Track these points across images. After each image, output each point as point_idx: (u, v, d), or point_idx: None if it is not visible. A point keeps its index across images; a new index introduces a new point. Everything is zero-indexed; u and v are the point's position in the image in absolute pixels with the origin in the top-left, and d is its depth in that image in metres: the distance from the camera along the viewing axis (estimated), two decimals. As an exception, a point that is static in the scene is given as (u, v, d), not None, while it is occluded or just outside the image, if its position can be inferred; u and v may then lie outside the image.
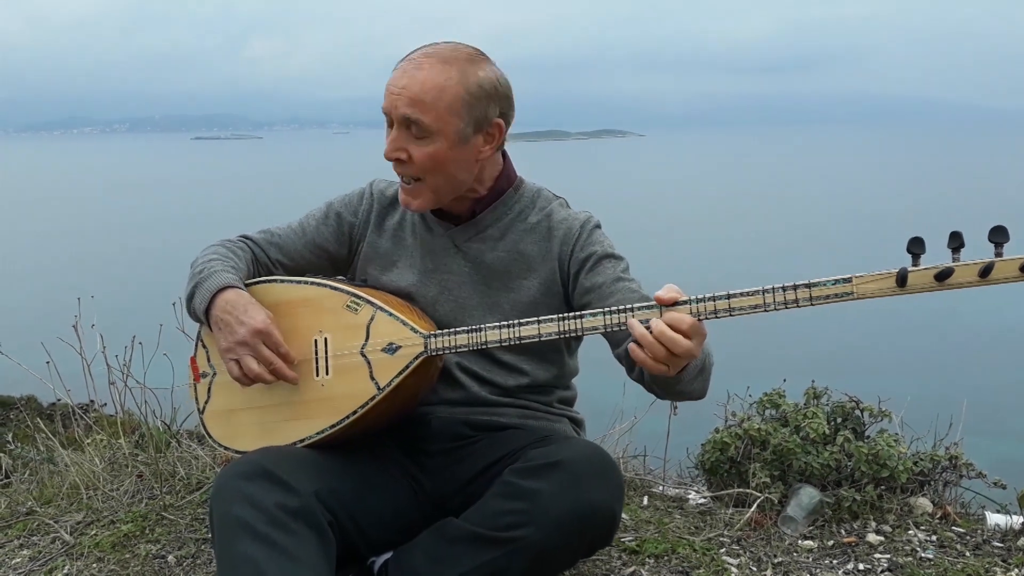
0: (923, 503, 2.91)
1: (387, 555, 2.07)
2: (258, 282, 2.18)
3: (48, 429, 3.67)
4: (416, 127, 1.99)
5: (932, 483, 3.03)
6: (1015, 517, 2.83)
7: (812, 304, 1.68)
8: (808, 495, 2.82)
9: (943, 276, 1.61)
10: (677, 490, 3.25)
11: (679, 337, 1.72)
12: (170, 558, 2.64)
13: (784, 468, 2.95)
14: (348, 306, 2.05)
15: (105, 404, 4.00)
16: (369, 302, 2.04)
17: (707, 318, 1.74)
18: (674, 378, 1.82)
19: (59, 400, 4.03)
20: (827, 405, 3.14)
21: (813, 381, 3.22)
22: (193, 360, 2.22)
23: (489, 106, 2.05)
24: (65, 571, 2.61)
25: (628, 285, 2.07)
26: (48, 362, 3.68)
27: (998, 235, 1.59)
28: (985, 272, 1.59)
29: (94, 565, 2.63)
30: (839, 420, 3.09)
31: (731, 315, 1.74)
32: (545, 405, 2.24)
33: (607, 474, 1.87)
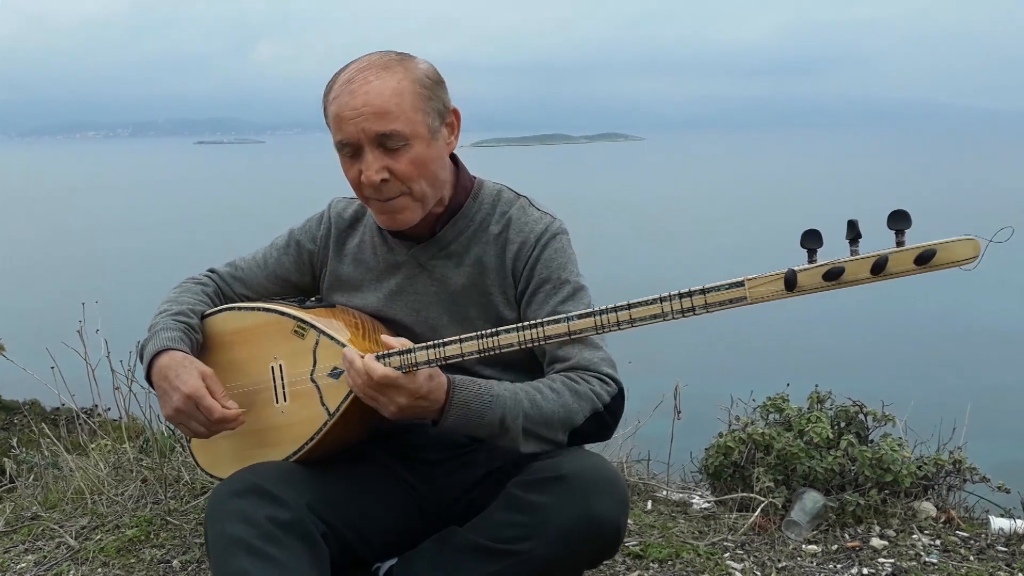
0: (927, 507, 2.92)
1: (392, 561, 2.07)
2: (217, 311, 2.18)
3: (52, 434, 3.68)
4: (391, 140, 1.91)
5: (936, 487, 3.03)
6: (1019, 521, 2.83)
7: (708, 311, 1.60)
8: (812, 499, 2.82)
9: (832, 275, 1.48)
10: (681, 495, 3.25)
11: (379, 386, 1.79)
12: (175, 563, 2.64)
13: (788, 472, 2.95)
14: (295, 331, 2.04)
15: (109, 408, 4.01)
16: (312, 326, 2.02)
17: (610, 330, 1.68)
18: (436, 427, 1.88)
19: (63, 404, 4.04)
20: (831, 409, 3.14)
21: (816, 385, 3.22)
22: None
23: (441, 93, 2.00)
24: (70, 576, 2.62)
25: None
26: (53, 367, 3.69)
27: (898, 221, 1.43)
28: (878, 268, 1.44)
29: (99, 570, 2.63)
30: (843, 424, 3.09)
31: (632, 325, 1.66)
32: None
33: (612, 486, 1.86)
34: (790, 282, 1.51)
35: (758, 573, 2.55)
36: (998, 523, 2.84)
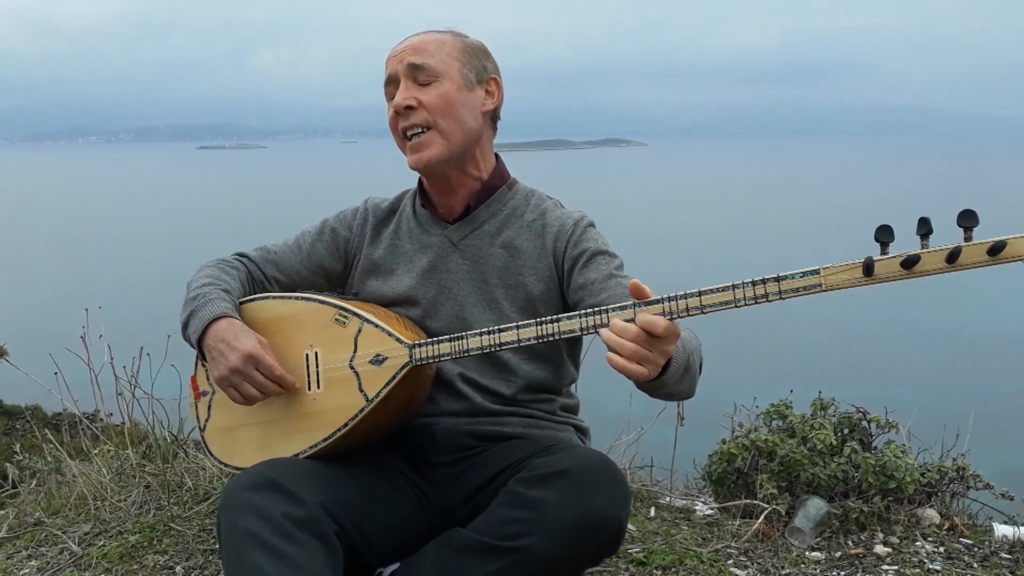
0: (931, 514, 2.91)
1: (394, 566, 2.07)
2: (251, 299, 2.21)
3: (55, 439, 3.68)
4: (423, 73, 2.10)
5: (939, 494, 3.03)
6: (1023, 529, 2.82)
7: (782, 298, 1.64)
8: (815, 506, 2.81)
9: (910, 263, 1.55)
10: (684, 501, 3.25)
11: (654, 341, 1.66)
12: (178, 569, 2.64)
13: (791, 479, 2.95)
14: (336, 319, 2.07)
15: (112, 414, 4.01)
16: (356, 315, 2.05)
17: (679, 316, 1.70)
18: (657, 381, 1.76)
19: (65, 410, 4.04)
20: (834, 416, 3.14)
21: (820, 392, 3.22)
22: (193, 379, 2.26)
23: (486, 61, 2.19)
24: (73, 582, 2.61)
25: (620, 281, 2.06)
26: (56, 372, 3.69)
27: (967, 219, 1.53)
28: (952, 257, 1.53)
29: (102, 576, 2.63)
30: (846, 431, 3.09)
31: (703, 312, 1.69)
32: (549, 413, 2.24)
33: (613, 482, 1.87)
34: (868, 268, 1.58)
35: (761, 580, 2.55)
36: (1002, 530, 2.84)
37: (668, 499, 3.27)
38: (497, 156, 2.26)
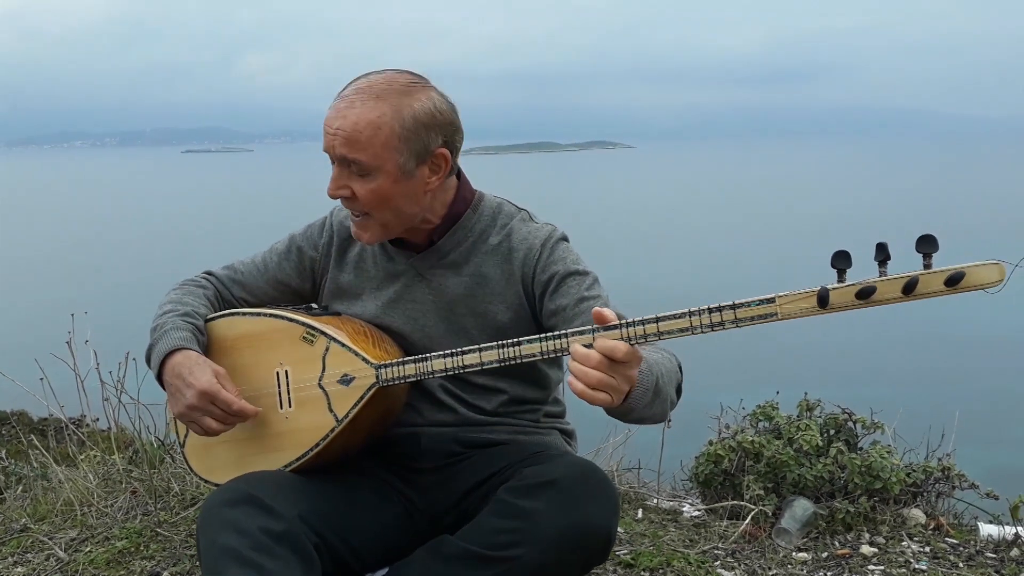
0: (916, 514, 2.93)
1: (382, 572, 2.07)
2: (219, 316, 2.19)
3: (41, 445, 3.66)
4: (356, 166, 1.97)
5: (925, 494, 3.04)
6: (1008, 528, 2.84)
7: (737, 326, 1.64)
8: (802, 507, 2.83)
9: (865, 294, 1.53)
10: (671, 503, 3.26)
11: (615, 366, 1.63)
12: (165, 574, 2.63)
13: (778, 480, 2.96)
14: (304, 338, 2.06)
15: (98, 419, 3.99)
16: (323, 333, 2.04)
17: (638, 342, 1.69)
18: (623, 406, 1.73)
19: (51, 415, 4.02)
20: (820, 417, 3.15)
21: (806, 393, 3.23)
22: None
23: (429, 137, 2.00)
24: (59, 588, 2.60)
25: (591, 304, 2.00)
26: (42, 378, 3.67)
27: (926, 245, 1.50)
28: (909, 288, 1.50)
29: (89, 582, 2.62)
30: (832, 432, 3.11)
31: (660, 338, 1.69)
32: (533, 422, 2.24)
33: (602, 492, 1.87)
34: (823, 299, 1.56)
35: (749, 581, 2.55)
36: (987, 529, 2.86)
37: (655, 501, 3.28)
38: (460, 175, 2.16)
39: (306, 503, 1.93)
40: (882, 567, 2.64)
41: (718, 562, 2.66)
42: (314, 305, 2.28)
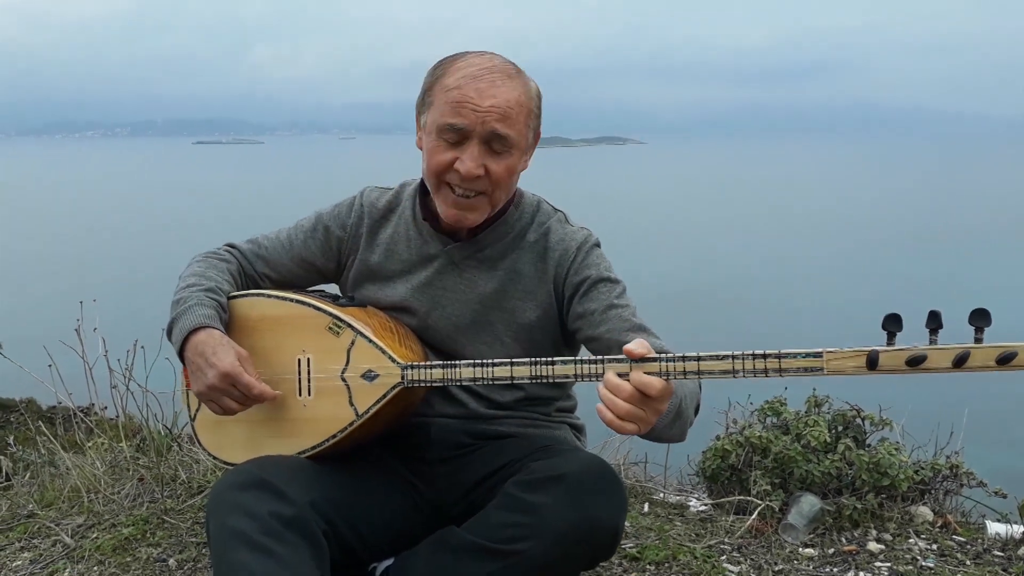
0: (924, 512, 2.92)
1: (388, 561, 2.07)
2: (244, 295, 2.17)
3: (49, 432, 3.68)
4: (499, 143, 1.97)
5: (933, 492, 3.03)
6: (1015, 526, 2.83)
7: (781, 375, 1.65)
8: (809, 503, 2.82)
9: (915, 362, 1.54)
10: (678, 497, 3.25)
11: (647, 401, 1.64)
12: (171, 562, 2.64)
13: (785, 476, 2.95)
14: (330, 328, 2.04)
15: (106, 407, 4.00)
16: (350, 326, 2.02)
17: (675, 377, 1.69)
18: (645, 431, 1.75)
19: (60, 403, 4.03)
20: (828, 413, 3.14)
21: (814, 389, 3.22)
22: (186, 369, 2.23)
23: (541, 116, 2.09)
24: (66, 574, 2.61)
25: (620, 313, 2.03)
26: (51, 365, 3.68)
27: (979, 319, 1.51)
28: (960, 361, 1.51)
29: (95, 568, 2.63)
30: (840, 428, 3.09)
31: (699, 377, 1.70)
32: (544, 415, 2.24)
33: (610, 488, 1.86)
34: (872, 362, 1.57)
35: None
36: (994, 528, 2.85)
37: (662, 495, 3.27)
38: None
39: (318, 490, 1.93)
40: (889, 564, 2.63)
41: (724, 557, 2.66)
42: (342, 297, 2.25)
